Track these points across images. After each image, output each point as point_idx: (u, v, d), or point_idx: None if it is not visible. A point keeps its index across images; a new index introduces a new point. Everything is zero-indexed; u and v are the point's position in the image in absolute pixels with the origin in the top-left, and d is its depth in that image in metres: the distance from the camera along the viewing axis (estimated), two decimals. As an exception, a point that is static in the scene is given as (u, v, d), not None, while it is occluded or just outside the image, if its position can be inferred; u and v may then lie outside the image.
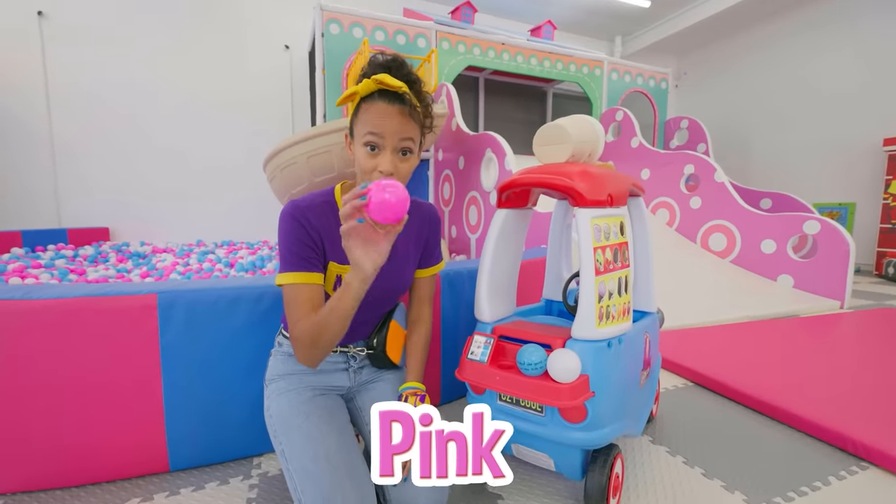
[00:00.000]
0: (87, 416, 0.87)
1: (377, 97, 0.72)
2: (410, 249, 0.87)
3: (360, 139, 0.73)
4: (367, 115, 0.72)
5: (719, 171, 3.41)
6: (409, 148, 0.75)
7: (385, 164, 0.72)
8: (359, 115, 0.74)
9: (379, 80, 0.71)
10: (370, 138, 0.72)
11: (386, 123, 0.71)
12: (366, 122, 0.72)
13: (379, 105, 0.72)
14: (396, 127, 0.72)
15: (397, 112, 0.72)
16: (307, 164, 2.44)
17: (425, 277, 0.91)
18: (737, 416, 1.24)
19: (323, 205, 0.78)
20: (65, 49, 3.76)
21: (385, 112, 0.72)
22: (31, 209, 3.77)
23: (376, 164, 0.73)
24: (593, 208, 0.75)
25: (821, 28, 4.62)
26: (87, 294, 0.87)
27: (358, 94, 0.74)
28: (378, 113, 0.72)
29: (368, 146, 0.73)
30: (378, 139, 0.72)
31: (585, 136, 0.86)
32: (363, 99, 0.74)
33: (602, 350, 0.75)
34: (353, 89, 0.74)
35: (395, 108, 0.72)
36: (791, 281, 2.85)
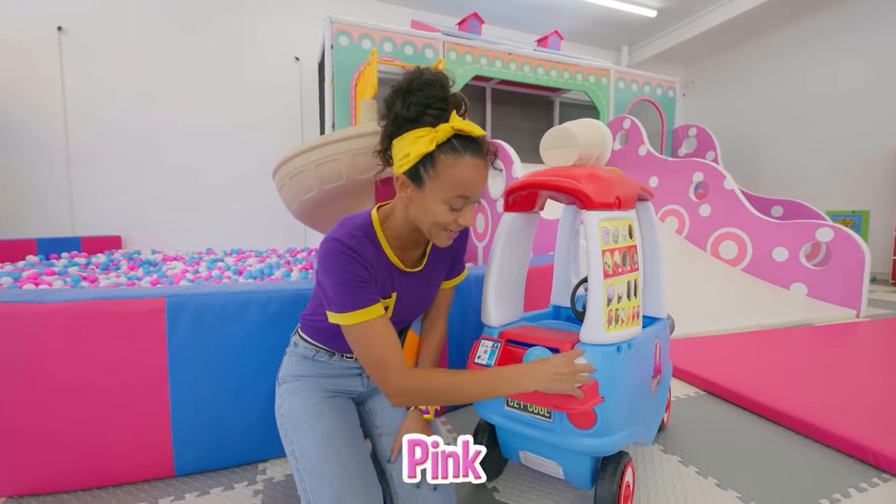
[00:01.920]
0: (94, 418, 0.87)
1: (459, 148, 0.66)
2: (440, 267, 0.86)
3: (440, 195, 0.67)
4: (455, 173, 0.66)
5: (729, 179, 3.38)
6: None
7: (467, 219, 0.70)
8: (438, 169, 0.66)
9: (460, 128, 0.65)
10: (459, 202, 0.68)
11: (476, 182, 0.67)
12: (454, 183, 0.66)
13: (467, 160, 0.66)
14: (482, 181, 0.69)
15: (483, 165, 0.68)
16: (315, 173, 2.47)
17: (447, 288, 0.91)
18: (751, 426, 1.21)
19: (366, 240, 0.72)
20: (82, 64, 3.86)
21: (475, 168, 0.67)
22: (46, 218, 3.85)
23: (456, 218, 0.69)
24: (601, 211, 0.75)
25: (829, 36, 4.59)
26: (97, 297, 0.88)
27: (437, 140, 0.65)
28: (469, 171, 0.66)
29: (452, 205, 0.68)
30: (465, 200, 0.68)
31: (593, 139, 0.85)
32: (440, 146, 0.66)
33: (611, 354, 0.73)
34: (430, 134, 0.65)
35: (481, 161, 0.68)
36: (805, 289, 2.79)
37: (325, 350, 0.83)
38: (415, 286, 0.81)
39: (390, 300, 0.77)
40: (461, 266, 0.92)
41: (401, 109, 0.67)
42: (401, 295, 0.79)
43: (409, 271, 0.79)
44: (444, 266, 0.87)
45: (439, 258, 0.85)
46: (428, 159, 0.66)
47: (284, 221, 3.93)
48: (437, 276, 0.86)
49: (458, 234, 0.87)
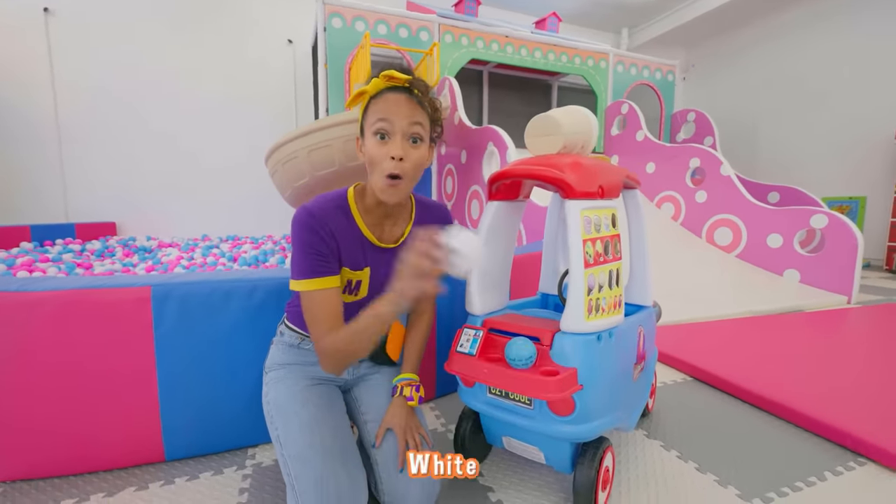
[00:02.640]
0: (83, 406, 0.89)
1: (386, 91, 0.74)
2: None
3: (369, 131, 0.73)
4: (377, 107, 0.73)
5: (725, 165, 3.36)
6: (418, 134, 0.74)
7: (395, 148, 0.72)
8: (368, 111, 0.75)
9: (387, 74, 0.73)
10: (380, 125, 0.72)
11: (394, 109, 0.72)
12: (376, 113, 0.73)
13: (387, 95, 0.73)
14: (405, 111, 0.72)
15: (405, 99, 0.73)
16: (308, 159, 2.45)
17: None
18: (735, 412, 1.23)
19: (337, 210, 0.76)
20: (71, 45, 3.79)
21: (394, 100, 0.73)
22: (40, 204, 3.83)
23: (387, 151, 0.72)
24: (583, 200, 0.74)
25: (831, 19, 4.51)
26: (83, 286, 0.88)
27: (367, 94, 0.75)
28: (387, 101, 0.73)
29: (378, 134, 0.72)
30: (387, 125, 0.72)
31: (578, 127, 0.85)
32: (372, 97, 0.75)
33: (591, 343, 0.74)
34: (362, 88, 0.75)
35: (403, 95, 0.73)
36: (797, 276, 2.81)
37: (310, 338, 0.84)
38: (391, 264, 0.80)
39: (362, 273, 0.79)
40: None
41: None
42: (375, 270, 0.80)
43: (384, 247, 0.81)
44: None
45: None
46: (365, 111, 0.75)
47: (280, 207, 3.92)
48: None
49: (443, 219, 0.89)
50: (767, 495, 0.86)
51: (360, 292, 0.82)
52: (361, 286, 0.81)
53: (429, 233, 0.64)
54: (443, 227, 0.87)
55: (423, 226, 0.84)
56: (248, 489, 0.87)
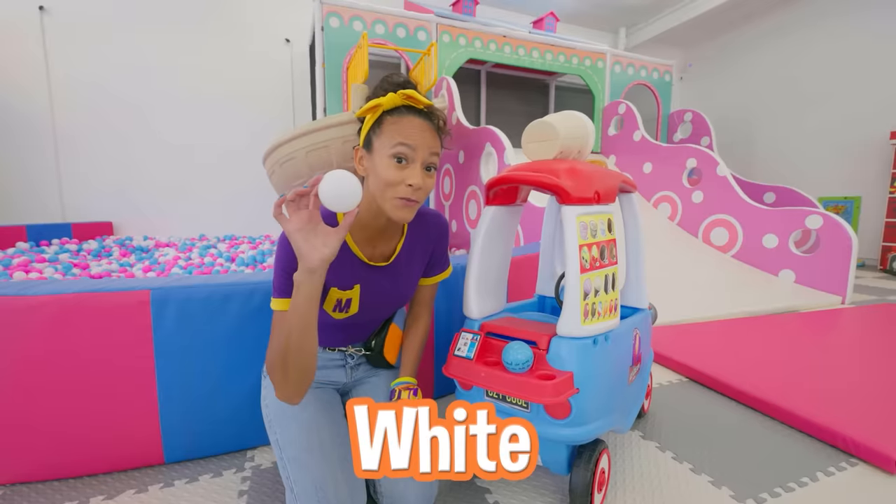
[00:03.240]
0: (82, 409, 0.89)
1: (405, 111, 0.71)
2: (415, 264, 0.86)
3: (386, 150, 0.70)
4: (397, 128, 0.70)
5: (721, 165, 3.38)
6: (434, 164, 0.73)
7: (416, 177, 0.70)
8: (383, 129, 0.71)
9: (407, 94, 0.70)
10: (402, 150, 0.69)
11: (418, 137, 0.70)
12: (395, 134, 0.70)
13: (411, 119, 0.71)
14: (428, 141, 0.71)
15: (428, 127, 0.72)
16: (305, 160, 2.45)
17: (429, 285, 0.92)
18: (729, 413, 1.24)
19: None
20: (66, 44, 3.77)
21: (418, 126, 0.71)
22: (36, 204, 3.81)
23: (405, 177, 0.69)
24: (579, 206, 0.75)
25: (827, 20, 4.54)
26: (82, 290, 0.88)
27: (382, 107, 0.71)
28: (411, 126, 0.70)
29: (397, 158, 0.69)
30: (410, 151, 0.69)
31: (574, 132, 0.85)
32: (387, 112, 0.72)
33: (587, 347, 0.75)
34: (377, 101, 0.71)
35: (426, 123, 0.72)
36: (793, 276, 2.83)
37: None
38: (383, 281, 0.81)
39: (352, 292, 0.78)
40: (444, 263, 0.92)
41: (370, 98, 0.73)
42: (366, 289, 0.79)
43: (375, 265, 0.80)
44: (421, 262, 0.88)
45: (415, 253, 0.85)
46: (377, 125, 0.72)
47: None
48: (412, 272, 0.86)
49: (438, 228, 0.89)
50: (760, 496, 0.87)
51: (350, 309, 0.80)
52: (352, 304, 0.79)
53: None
54: (438, 234, 0.88)
55: (416, 240, 0.85)
56: (247, 491, 0.87)
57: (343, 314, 0.80)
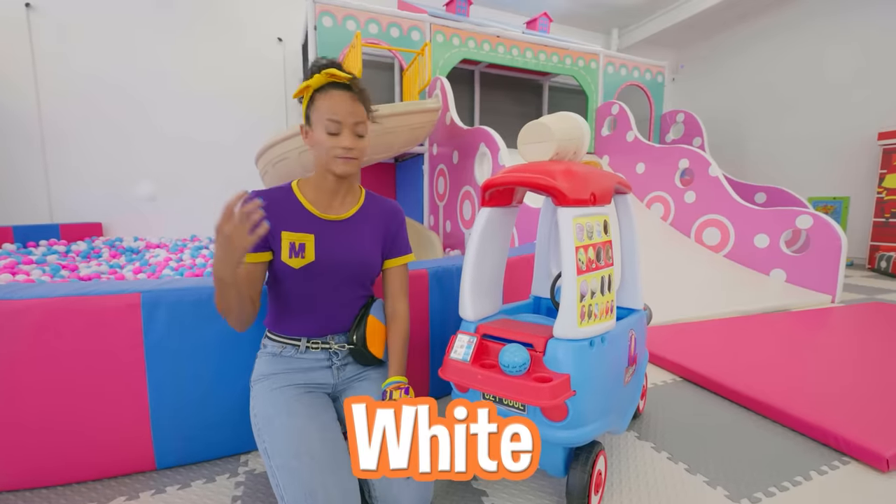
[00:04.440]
0: (71, 415, 0.87)
1: (329, 87, 0.83)
2: (369, 232, 0.91)
3: (319, 124, 0.83)
4: (325, 103, 0.82)
5: (714, 166, 3.41)
6: (362, 130, 0.85)
7: (346, 140, 0.83)
8: (315, 104, 0.83)
9: (330, 73, 0.82)
10: (329, 124, 0.82)
11: (343, 107, 0.82)
12: (324, 109, 0.82)
13: (334, 93, 0.82)
14: (351, 109, 0.83)
15: (350, 97, 0.83)
16: (298, 160, 2.43)
17: (395, 268, 0.95)
18: (723, 412, 1.25)
19: (278, 190, 0.87)
20: (54, 42, 3.71)
21: (341, 98, 0.82)
22: (23, 204, 3.74)
23: (338, 142, 0.82)
24: (576, 207, 0.75)
25: (816, 20, 4.60)
26: (70, 294, 0.86)
27: (311, 87, 0.83)
28: (335, 99, 0.82)
29: (329, 130, 0.82)
30: (336, 124, 0.82)
31: (570, 133, 0.85)
32: (317, 91, 0.84)
33: (583, 349, 0.75)
34: (306, 83, 0.83)
35: (348, 94, 0.83)
36: (784, 275, 2.86)
37: (291, 344, 0.86)
38: (338, 232, 0.88)
39: (306, 237, 0.85)
40: (403, 247, 0.96)
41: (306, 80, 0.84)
42: (321, 237, 0.86)
43: (329, 218, 0.88)
44: (374, 230, 0.92)
45: (369, 221, 0.92)
46: (311, 103, 0.84)
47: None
48: (367, 233, 0.91)
49: (392, 213, 0.95)
50: (755, 495, 0.87)
51: (305, 255, 0.84)
52: (306, 249, 0.84)
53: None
54: (392, 218, 0.95)
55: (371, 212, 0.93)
56: (240, 497, 0.86)
57: (299, 260, 0.83)
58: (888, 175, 3.87)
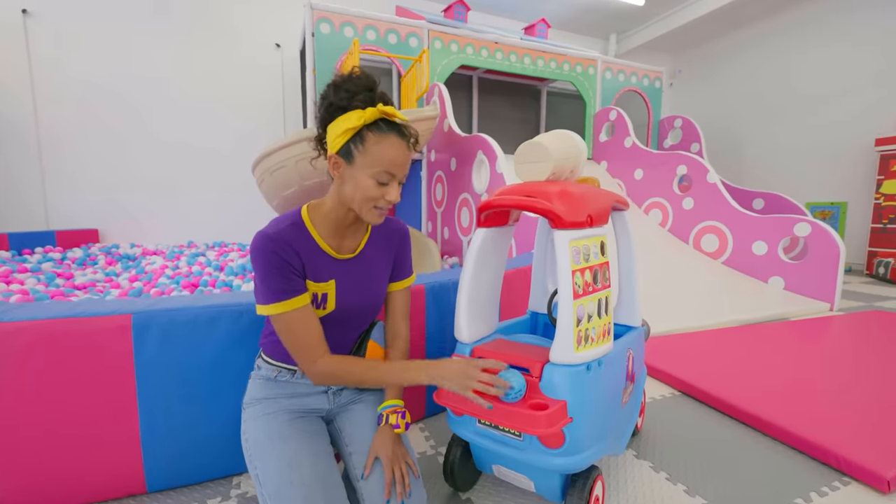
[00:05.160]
0: (60, 438, 0.86)
1: (384, 127, 0.74)
2: (381, 263, 0.88)
3: (368, 170, 0.74)
4: (380, 150, 0.73)
5: (712, 172, 3.41)
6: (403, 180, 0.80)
7: (394, 194, 0.76)
8: (366, 145, 0.73)
9: (387, 111, 0.74)
10: (386, 177, 0.75)
11: (400, 161, 0.75)
12: (379, 159, 0.73)
13: (391, 140, 0.74)
14: (406, 162, 0.77)
15: (405, 148, 0.76)
16: (295, 168, 2.42)
17: (399, 291, 0.92)
18: (723, 429, 1.24)
19: (292, 228, 0.77)
20: (51, 48, 3.70)
21: (400, 148, 0.75)
22: (19, 211, 3.72)
23: (384, 194, 0.76)
24: (572, 230, 0.74)
25: (813, 26, 4.61)
26: (59, 315, 0.85)
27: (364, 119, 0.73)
28: (396, 150, 0.75)
29: (378, 179, 0.75)
30: (392, 176, 0.75)
31: (566, 152, 0.84)
32: (367, 127, 0.74)
33: (580, 374, 0.74)
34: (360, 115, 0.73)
35: (404, 143, 0.76)
36: (782, 283, 2.86)
37: (286, 369, 0.83)
38: (353, 272, 0.84)
39: (328, 285, 0.80)
40: (408, 269, 0.94)
41: (333, 99, 0.75)
42: (341, 282, 0.81)
43: (343, 258, 0.83)
44: (385, 259, 0.89)
45: (378, 248, 0.88)
46: (357, 137, 0.74)
47: (268, 214, 3.87)
48: (379, 266, 0.88)
49: (400, 236, 0.91)
50: (755, 519, 0.86)
51: (327, 305, 0.81)
52: (328, 298, 0.81)
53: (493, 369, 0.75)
54: (399, 239, 0.92)
55: (379, 237, 0.89)
56: (232, 522, 0.85)
57: (320, 311, 0.81)
58: (886, 181, 3.88)
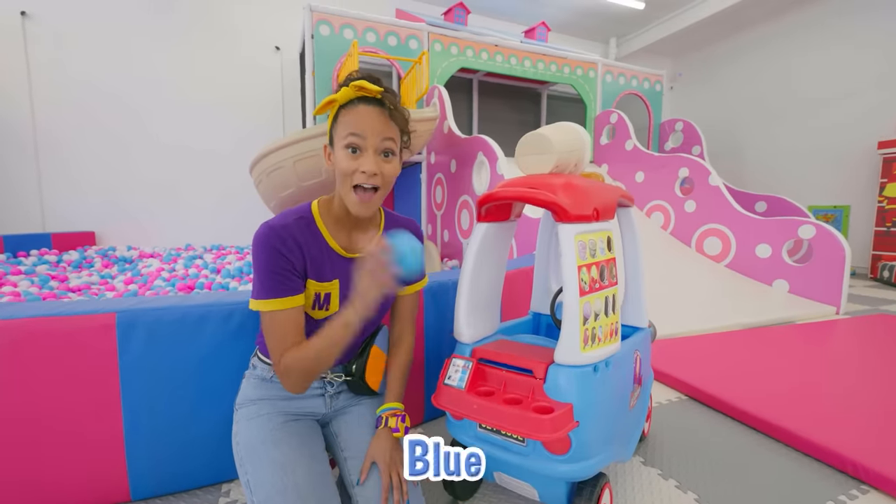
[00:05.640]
0: (40, 444, 0.81)
1: (357, 102, 0.72)
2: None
3: (340, 142, 0.72)
4: (348, 119, 0.72)
5: (714, 175, 3.38)
6: (390, 149, 0.73)
7: (368, 164, 0.71)
8: (338, 121, 0.73)
9: (358, 85, 0.71)
10: (351, 139, 0.71)
11: (367, 123, 0.71)
12: (346, 125, 0.71)
13: (359, 107, 0.72)
14: (378, 126, 0.71)
15: (378, 112, 0.72)
16: (293, 169, 2.39)
17: (408, 295, 0.88)
18: (733, 434, 1.19)
19: (299, 222, 0.74)
20: (49, 51, 3.68)
21: (366, 113, 0.71)
22: (15, 213, 3.69)
23: (358, 166, 0.71)
24: (578, 223, 0.70)
25: (814, 29, 4.61)
26: (40, 314, 0.81)
27: (337, 102, 0.73)
28: (358, 114, 0.71)
29: (350, 148, 0.71)
30: (359, 140, 0.71)
31: (571, 144, 0.81)
32: (342, 106, 0.73)
33: (587, 375, 0.70)
34: (331, 97, 0.73)
35: (375, 108, 0.72)
36: (786, 286, 2.82)
37: None
38: None
39: (331, 285, 0.76)
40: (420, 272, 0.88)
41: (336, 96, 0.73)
42: (345, 282, 0.77)
43: (351, 257, 0.78)
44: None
45: None
46: (334, 120, 0.74)
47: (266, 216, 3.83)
48: None
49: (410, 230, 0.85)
50: (771, 530, 0.82)
51: (330, 306, 0.78)
52: (331, 299, 0.77)
53: (378, 238, 0.67)
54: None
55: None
56: (219, 533, 0.80)
57: (322, 312, 0.77)
58: (889, 184, 3.85)
